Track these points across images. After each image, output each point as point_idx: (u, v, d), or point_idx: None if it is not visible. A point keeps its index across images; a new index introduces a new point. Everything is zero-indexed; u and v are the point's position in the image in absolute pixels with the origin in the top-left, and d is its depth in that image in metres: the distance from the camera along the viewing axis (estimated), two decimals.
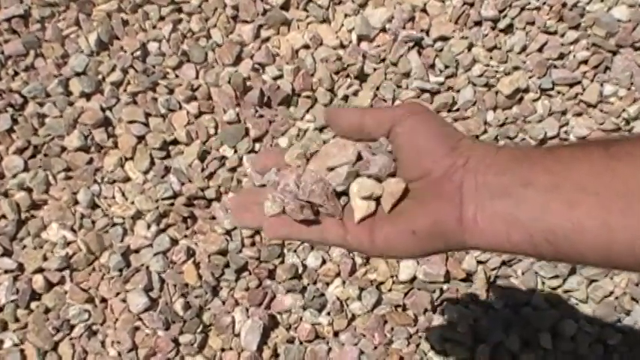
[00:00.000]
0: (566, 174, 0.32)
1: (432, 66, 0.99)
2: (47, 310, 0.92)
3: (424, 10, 1.00)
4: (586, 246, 0.31)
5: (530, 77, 0.99)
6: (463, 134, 0.38)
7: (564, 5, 0.99)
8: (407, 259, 0.35)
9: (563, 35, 0.99)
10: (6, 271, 0.92)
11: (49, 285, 0.92)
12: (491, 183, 0.34)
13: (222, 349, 0.92)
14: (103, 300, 0.93)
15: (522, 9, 0.99)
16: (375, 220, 0.39)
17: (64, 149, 0.96)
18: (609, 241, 0.30)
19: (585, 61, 0.99)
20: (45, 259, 0.93)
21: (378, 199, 0.39)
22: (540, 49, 0.99)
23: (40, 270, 0.92)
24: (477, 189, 0.34)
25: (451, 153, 0.36)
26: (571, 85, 0.98)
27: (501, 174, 0.34)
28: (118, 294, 0.92)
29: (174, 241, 0.95)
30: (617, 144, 0.31)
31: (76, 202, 0.95)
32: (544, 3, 1.00)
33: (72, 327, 0.92)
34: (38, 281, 0.91)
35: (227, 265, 0.94)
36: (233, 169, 0.97)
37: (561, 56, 0.99)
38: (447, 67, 0.98)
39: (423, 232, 0.36)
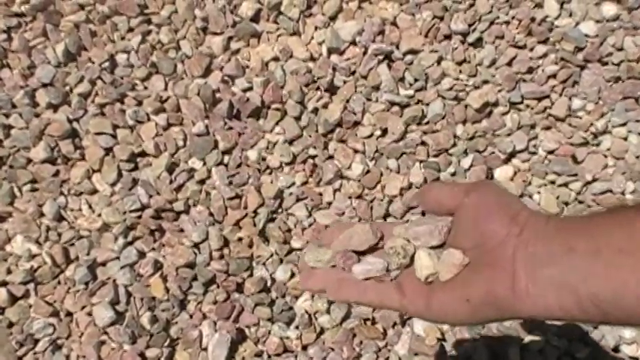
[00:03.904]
0: (606, 238, 0.35)
1: (402, 79, 1.07)
2: (11, 325, 0.98)
3: (394, 24, 1.09)
4: (629, 305, 0.34)
5: (499, 91, 1.07)
6: (524, 206, 0.42)
7: (533, 20, 1.08)
8: (461, 325, 0.42)
9: (532, 49, 1.08)
10: None
11: (13, 299, 0.98)
12: (540, 252, 0.38)
13: None
14: (69, 314, 0.99)
15: (491, 23, 1.08)
16: (432, 286, 0.44)
17: (29, 161, 1.03)
18: None
19: (554, 75, 1.07)
20: (9, 272, 0.99)
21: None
22: (509, 63, 1.08)
23: (3, 283, 0.98)
24: (528, 259, 0.38)
25: (508, 223, 0.40)
26: (540, 99, 1.07)
27: (549, 243, 0.38)
28: (83, 307, 0.99)
29: (142, 254, 1.01)
30: None
31: (42, 215, 1.01)
32: (513, 17, 1.08)
33: (36, 341, 0.98)
34: (2, 295, 0.97)
35: (195, 279, 1.00)
36: (202, 182, 1.04)
37: (530, 70, 1.08)
38: (416, 80, 1.06)
39: (476, 301, 0.40)
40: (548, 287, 0.36)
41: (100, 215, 1.02)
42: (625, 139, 1.06)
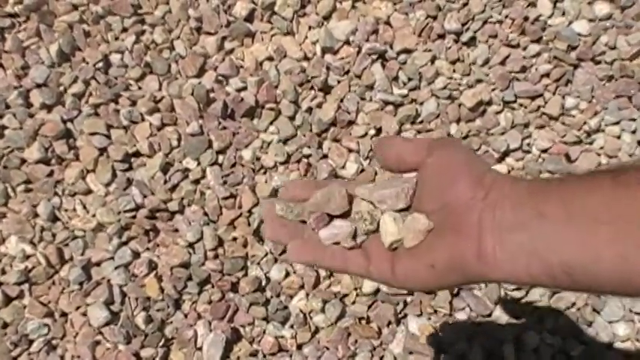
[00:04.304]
0: (580, 205, 0.34)
1: (396, 78, 1.08)
2: (5, 325, 0.98)
3: (388, 23, 1.10)
4: (603, 276, 0.33)
5: (492, 90, 1.08)
6: (489, 167, 0.41)
7: (526, 19, 1.09)
8: (426, 292, 0.40)
9: (525, 48, 1.10)
10: None
11: (8, 299, 0.99)
12: (509, 217, 0.36)
13: None
14: (63, 314, 1.00)
15: (485, 22, 1.09)
16: (397, 252, 0.43)
17: (23, 161, 1.04)
18: (626, 271, 0.32)
19: (547, 74, 1.08)
20: (3, 272, 0.99)
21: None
22: (503, 62, 1.09)
23: None
24: (495, 223, 0.37)
25: (473, 185, 0.39)
26: (533, 98, 1.08)
27: (518, 207, 0.36)
28: (78, 308, 0.99)
29: (136, 254, 1.02)
30: (625, 173, 0.34)
31: (36, 215, 1.02)
32: (506, 16, 1.10)
33: (30, 342, 0.98)
34: None
35: (189, 278, 1.01)
36: (196, 182, 1.05)
37: (523, 69, 1.09)
38: (410, 79, 1.07)
39: (441, 266, 0.39)
40: (517, 253, 0.36)
41: (94, 215, 1.02)
42: (618, 137, 1.07)
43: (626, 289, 0.33)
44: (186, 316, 1.01)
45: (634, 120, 1.06)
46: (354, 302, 1.02)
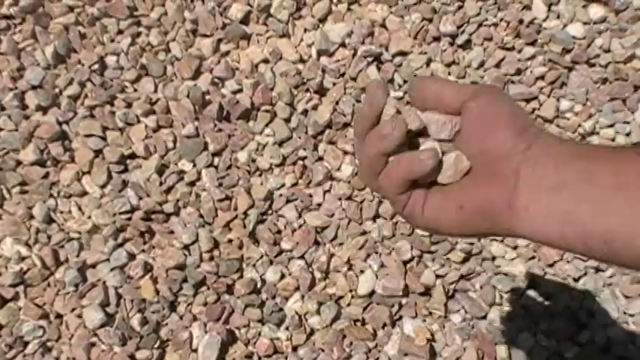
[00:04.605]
0: (633, 174, 0.32)
1: (391, 81, 1.09)
2: (0, 327, 0.99)
3: (383, 26, 1.11)
4: None
5: None
6: (532, 120, 0.42)
7: (521, 22, 1.10)
8: (451, 235, 0.40)
9: (520, 51, 1.10)
10: None
11: (3, 301, 0.99)
12: (550, 175, 0.35)
13: None
14: (58, 316, 1.00)
15: (480, 25, 1.10)
16: (430, 190, 0.42)
17: (19, 163, 1.04)
18: None
19: (542, 77, 1.09)
20: None
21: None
22: (498, 65, 1.10)
23: None
24: (535, 178, 0.36)
25: (515, 136, 0.38)
26: (528, 101, 1.09)
27: (562, 167, 0.35)
28: (73, 310, 1.00)
29: (132, 256, 1.03)
30: None
31: (31, 217, 1.02)
32: (501, 19, 1.10)
33: (26, 344, 0.99)
34: None
35: (185, 280, 1.02)
36: (192, 184, 1.05)
37: (518, 72, 1.10)
38: (405, 81, 1.08)
39: (470, 209, 0.39)
40: (553, 213, 0.35)
41: (89, 217, 1.03)
42: (612, 139, 1.08)
43: None
44: (181, 317, 1.02)
45: (628, 122, 1.07)
46: (349, 304, 1.03)
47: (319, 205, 1.06)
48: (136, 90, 1.08)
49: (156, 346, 0.99)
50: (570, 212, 0.34)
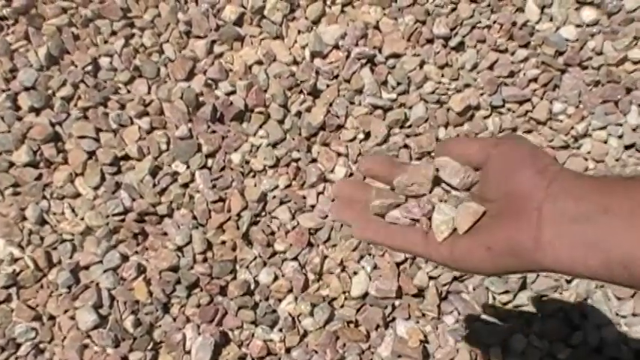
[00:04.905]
0: None
1: (385, 83, 1.09)
2: None
3: (377, 28, 1.11)
4: None
5: (481, 94, 1.10)
6: (554, 160, 0.42)
7: (514, 24, 1.11)
8: (483, 274, 0.42)
9: (513, 53, 1.11)
10: None
11: None
12: (571, 208, 0.38)
13: None
14: (51, 317, 1.01)
15: (473, 27, 1.11)
16: (456, 234, 0.45)
17: (12, 164, 1.04)
18: None
19: (535, 79, 1.10)
20: None
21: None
22: (491, 67, 1.11)
23: None
24: (557, 213, 0.38)
25: (536, 175, 0.40)
26: (521, 103, 1.10)
27: (581, 200, 0.38)
28: (66, 311, 1.00)
29: (125, 258, 1.03)
30: None
31: (24, 218, 1.02)
32: (494, 22, 1.11)
33: (18, 346, 0.99)
34: None
35: (178, 282, 1.02)
36: (185, 185, 1.06)
37: (511, 74, 1.10)
38: (399, 83, 1.09)
39: (497, 249, 0.41)
40: (576, 244, 0.37)
41: (82, 219, 1.03)
42: (605, 142, 1.09)
43: None
44: (174, 319, 1.02)
45: (620, 125, 1.08)
46: (342, 306, 1.03)
47: (313, 206, 1.07)
48: (129, 91, 1.09)
49: (149, 347, 1.00)
50: (591, 242, 0.36)
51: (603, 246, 0.36)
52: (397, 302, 1.04)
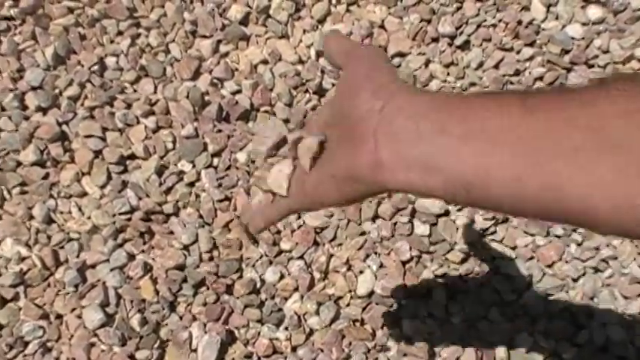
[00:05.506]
0: (480, 124, 0.34)
1: None
2: (0, 327, 1.00)
3: (382, 27, 1.12)
4: (497, 196, 0.34)
5: None
6: (393, 78, 0.41)
7: (520, 23, 1.11)
8: (333, 205, 0.42)
9: (518, 52, 1.12)
10: None
11: (3, 301, 1.00)
12: (408, 129, 0.37)
13: None
14: (58, 316, 1.02)
15: (479, 26, 1.11)
16: (303, 173, 0.46)
17: (19, 164, 1.05)
18: (519, 194, 0.33)
19: (541, 78, 1.10)
20: None
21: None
22: (496, 66, 1.11)
23: None
24: (393, 134, 0.37)
25: (370, 98, 0.39)
26: None
27: (418, 120, 0.36)
28: (73, 310, 1.01)
29: (131, 257, 1.04)
30: (533, 98, 0.34)
31: (31, 217, 1.04)
32: (500, 20, 1.12)
33: (26, 344, 1.00)
34: None
35: (185, 280, 1.03)
36: (191, 184, 1.06)
37: (517, 73, 1.11)
38: (404, 82, 1.09)
39: (340, 176, 0.41)
40: (413, 165, 0.36)
41: (89, 218, 1.04)
42: None
43: (520, 211, 0.34)
44: (181, 318, 1.03)
45: None
46: (348, 304, 1.04)
47: None
48: (135, 91, 1.10)
49: (156, 346, 1.00)
50: (428, 163, 0.35)
51: (439, 168, 0.35)
52: (404, 302, 1.04)
